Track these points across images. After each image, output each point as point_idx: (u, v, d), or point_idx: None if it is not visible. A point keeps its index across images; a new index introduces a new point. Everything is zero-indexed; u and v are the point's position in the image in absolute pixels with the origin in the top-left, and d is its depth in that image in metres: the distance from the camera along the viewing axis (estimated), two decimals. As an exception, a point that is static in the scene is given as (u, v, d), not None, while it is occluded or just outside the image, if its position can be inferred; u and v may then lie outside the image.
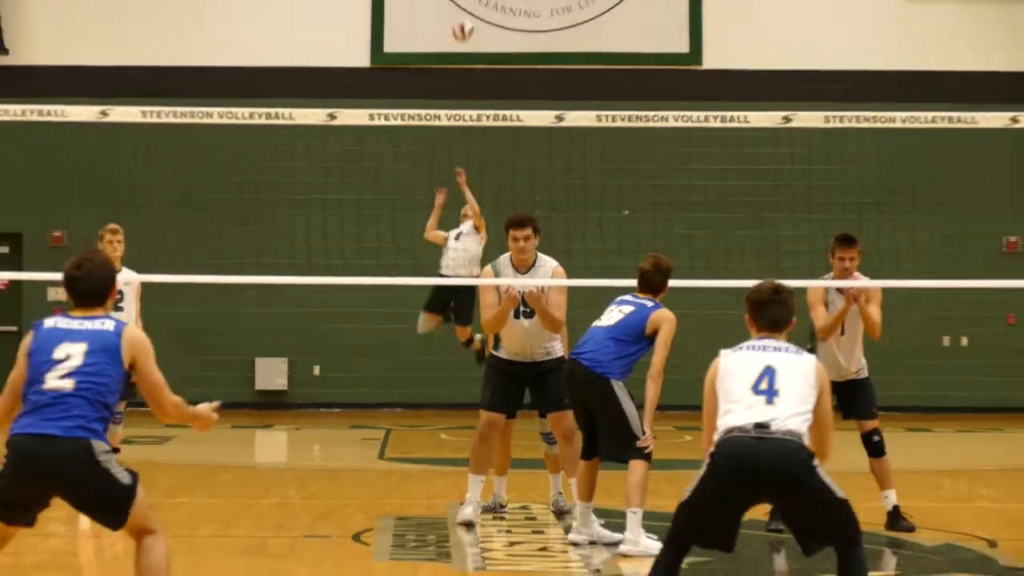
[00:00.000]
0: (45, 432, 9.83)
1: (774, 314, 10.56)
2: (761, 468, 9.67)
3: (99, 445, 9.89)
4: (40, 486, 9.99)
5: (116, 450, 12.46)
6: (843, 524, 9.91)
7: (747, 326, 10.43)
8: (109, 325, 10.13)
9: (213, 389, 29.76)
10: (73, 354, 9.95)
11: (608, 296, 15.23)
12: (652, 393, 14.67)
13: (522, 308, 15.69)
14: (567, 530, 15.29)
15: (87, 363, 9.93)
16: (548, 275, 16.05)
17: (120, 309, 19.31)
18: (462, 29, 17.52)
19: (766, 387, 9.95)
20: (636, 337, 14.77)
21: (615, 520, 14.64)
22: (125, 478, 10.03)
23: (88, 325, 10.15)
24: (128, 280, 19.28)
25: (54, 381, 9.89)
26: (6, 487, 9.96)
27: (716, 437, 9.92)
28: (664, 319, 14.84)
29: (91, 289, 10.33)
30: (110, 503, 10.04)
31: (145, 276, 20.87)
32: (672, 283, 16.13)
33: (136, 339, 10.17)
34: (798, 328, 16.02)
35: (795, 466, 9.64)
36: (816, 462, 9.69)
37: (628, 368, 14.82)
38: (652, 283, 15.21)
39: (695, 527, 9.83)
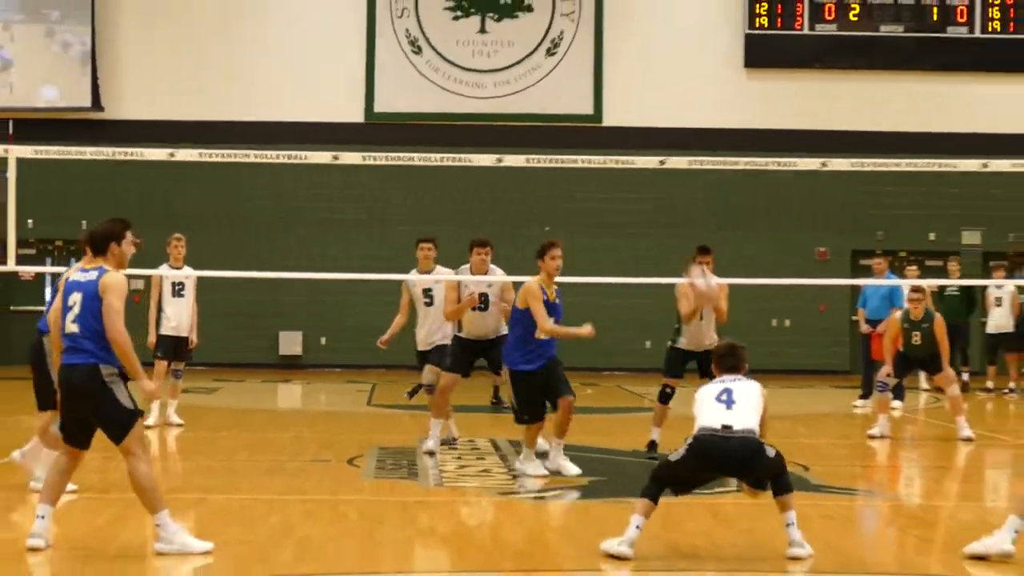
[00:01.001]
0: (70, 362, 10.14)
1: (728, 363, 10.91)
2: (728, 457, 10.14)
3: (105, 368, 10.06)
4: (75, 405, 10.19)
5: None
6: (780, 470, 10.22)
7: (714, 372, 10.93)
8: (93, 275, 10.10)
9: (248, 353, 30.44)
10: (75, 302, 10.08)
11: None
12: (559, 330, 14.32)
13: (479, 304, 15.98)
14: (503, 458, 15.44)
15: (83, 309, 10.03)
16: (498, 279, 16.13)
17: (182, 296, 19.42)
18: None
19: (725, 399, 10.32)
20: (518, 317, 14.44)
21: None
22: (127, 403, 10.13)
23: (83, 277, 10.16)
24: (188, 275, 19.38)
25: (69, 325, 10.14)
26: (61, 410, 10.38)
27: (695, 430, 10.28)
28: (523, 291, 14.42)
29: (91, 241, 10.34)
30: (113, 420, 10.12)
31: (200, 272, 20.96)
32: (585, 280, 16.39)
33: (108, 281, 10.03)
34: (671, 314, 16.39)
35: (753, 453, 10.11)
36: (764, 444, 10.18)
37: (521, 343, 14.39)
38: None
39: (670, 480, 10.21)
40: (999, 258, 30.36)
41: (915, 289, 19.27)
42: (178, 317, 19.17)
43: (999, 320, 26.55)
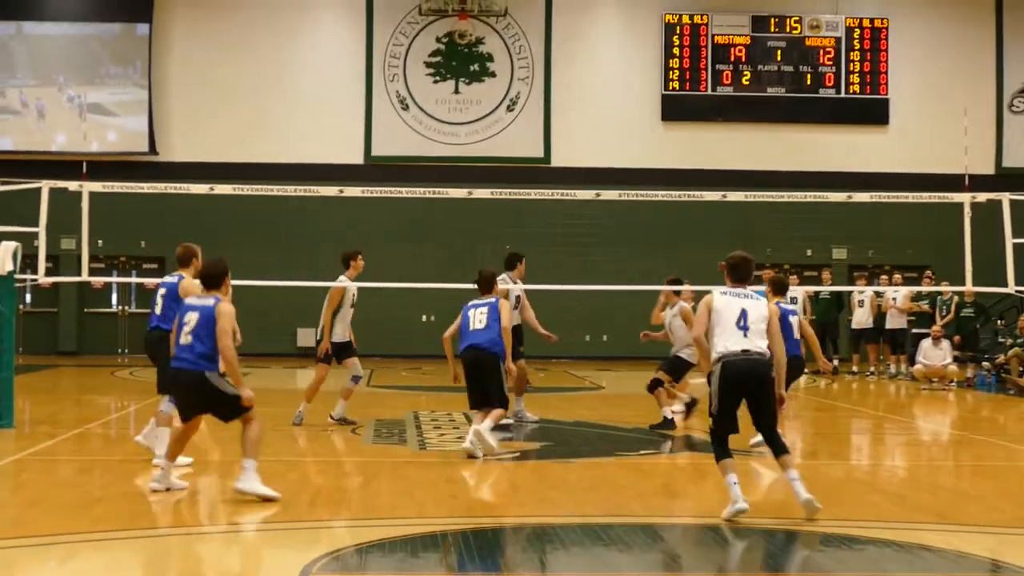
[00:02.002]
0: (179, 366, 10.22)
1: (741, 272, 10.13)
2: (752, 376, 9.75)
3: (210, 375, 10.09)
4: (185, 398, 10.37)
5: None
6: (775, 411, 10.03)
7: (724, 278, 10.29)
8: (210, 302, 10.21)
9: (272, 345, 30.36)
10: (191, 320, 10.14)
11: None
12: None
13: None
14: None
15: (197, 327, 10.11)
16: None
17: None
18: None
19: (743, 324, 9.79)
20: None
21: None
22: (230, 389, 10.09)
23: (200, 302, 10.28)
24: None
25: (184, 337, 10.17)
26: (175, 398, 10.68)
27: (715, 358, 9.77)
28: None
29: (206, 277, 10.49)
30: (224, 407, 10.22)
31: (235, 281, 20.94)
32: (539, 287, 16.43)
33: (223, 309, 10.16)
34: (605, 312, 16.32)
35: (767, 372, 9.86)
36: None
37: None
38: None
39: (728, 424, 9.92)
40: (862, 269, 30.61)
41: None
42: None
43: (861, 318, 26.67)
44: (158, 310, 12.35)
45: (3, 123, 31.41)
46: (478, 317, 13.35)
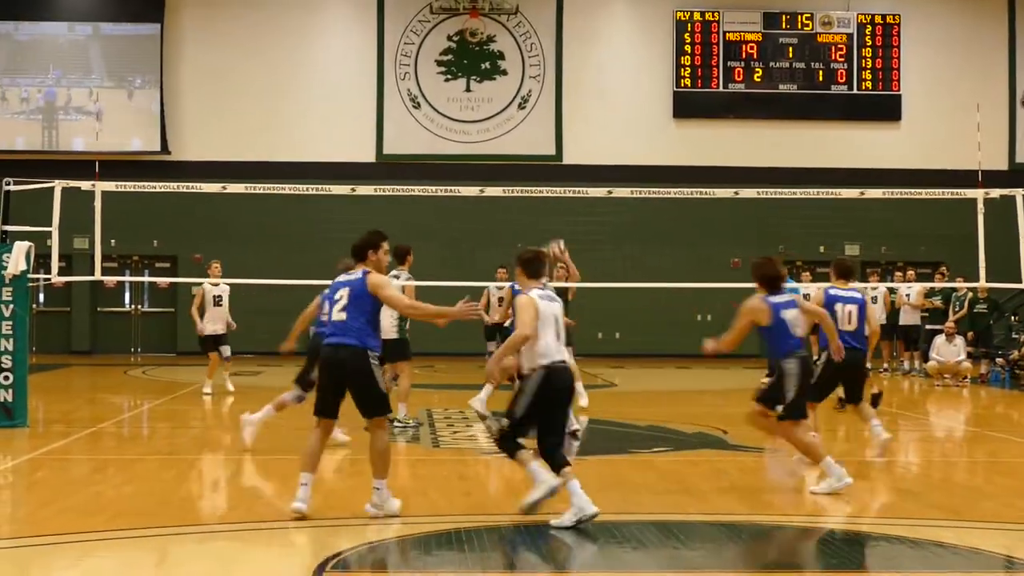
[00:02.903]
0: (338, 343, 9.44)
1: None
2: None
3: (371, 352, 9.43)
4: (338, 379, 9.57)
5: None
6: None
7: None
8: (359, 274, 9.60)
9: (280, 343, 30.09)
10: (342, 295, 9.51)
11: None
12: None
13: None
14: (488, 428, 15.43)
15: (351, 303, 9.46)
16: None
17: (220, 305, 20.01)
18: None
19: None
20: None
21: None
22: (383, 387, 9.58)
23: (348, 278, 9.66)
24: (226, 284, 20.34)
25: (336, 314, 9.50)
26: (320, 385, 9.70)
27: (539, 364, 9.39)
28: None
29: (353, 249, 9.89)
30: (372, 396, 9.54)
31: (243, 280, 21.07)
32: (552, 284, 16.33)
33: (375, 280, 9.53)
34: (617, 310, 16.28)
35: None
36: None
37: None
38: None
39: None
40: (875, 266, 30.55)
41: None
42: (214, 321, 20.10)
43: (873, 314, 26.57)
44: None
45: (16, 123, 31.45)
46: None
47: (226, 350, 20.24)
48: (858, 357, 12.61)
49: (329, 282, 14.73)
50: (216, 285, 20.14)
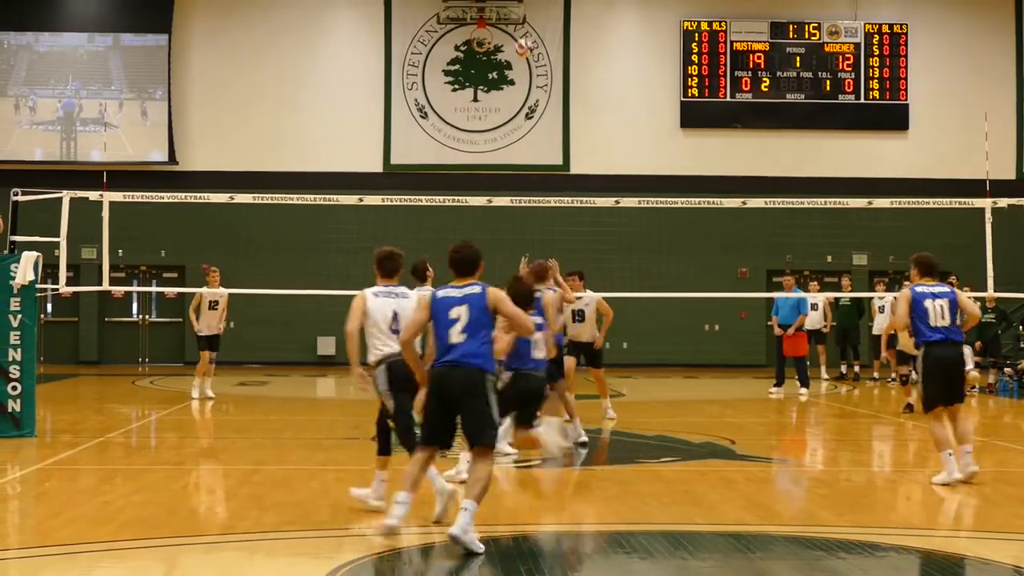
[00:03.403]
0: (455, 364, 8.83)
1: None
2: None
3: (489, 375, 8.88)
4: (453, 403, 8.91)
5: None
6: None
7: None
8: (476, 290, 8.96)
9: (292, 353, 30.40)
10: (460, 315, 8.87)
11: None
12: None
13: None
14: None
15: (471, 321, 8.84)
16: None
17: (215, 309, 20.35)
18: (522, 47, 16.64)
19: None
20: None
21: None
22: (496, 412, 8.91)
23: (461, 293, 8.99)
24: (221, 294, 20.67)
25: (456, 336, 8.85)
26: (428, 411, 9.00)
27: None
28: None
29: (462, 263, 9.20)
30: (486, 421, 8.85)
31: (250, 290, 21.07)
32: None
33: (496, 294, 8.97)
34: (627, 320, 16.22)
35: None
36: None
37: None
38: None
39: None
40: (882, 275, 30.51)
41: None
42: (209, 323, 20.70)
43: (881, 324, 26.57)
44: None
45: (24, 134, 31.51)
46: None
47: (212, 355, 20.78)
48: (958, 352, 11.99)
49: (336, 292, 14.89)
50: (214, 290, 20.80)
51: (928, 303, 11.80)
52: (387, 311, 9.82)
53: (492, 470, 8.97)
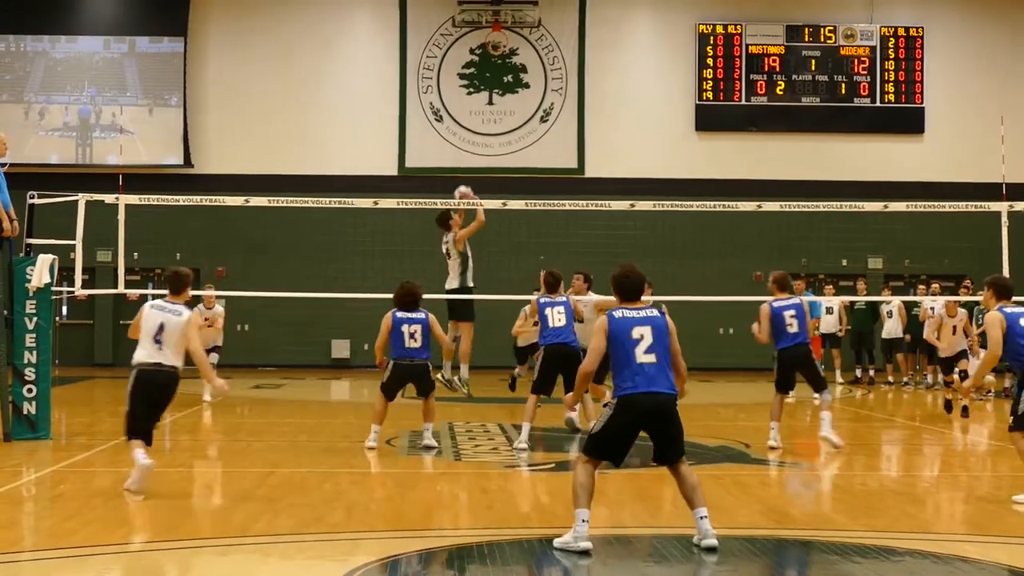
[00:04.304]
0: (659, 391, 8.79)
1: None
2: None
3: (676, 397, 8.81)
4: (653, 425, 8.89)
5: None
6: None
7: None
8: (655, 312, 8.92)
9: (306, 356, 30.49)
10: (644, 335, 8.80)
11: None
12: None
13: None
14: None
15: (656, 342, 8.81)
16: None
17: (210, 327, 20.15)
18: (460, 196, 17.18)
19: None
20: None
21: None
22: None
23: (646, 313, 8.93)
24: (219, 312, 20.86)
25: (643, 356, 8.79)
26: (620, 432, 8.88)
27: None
28: None
29: (628, 286, 9.06)
30: (681, 439, 8.91)
31: (265, 293, 21.07)
32: (577, 297, 16.43)
33: (669, 319, 8.94)
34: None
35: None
36: None
37: None
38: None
39: None
40: (898, 279, 30.51)
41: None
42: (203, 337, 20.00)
43: (891, 328, 26.58)
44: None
45: (40, 138, 31.61)
46: (556, 316, 14.85)
47: (213, 357, 20.09)
48: None
49: (351, 295, 14.92)
50: (210, 309, 20.90)
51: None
52: (154, 322, 11.09)
53: (693, 473, 8.99)
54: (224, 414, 19.22)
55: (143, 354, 11.07)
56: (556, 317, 14.80)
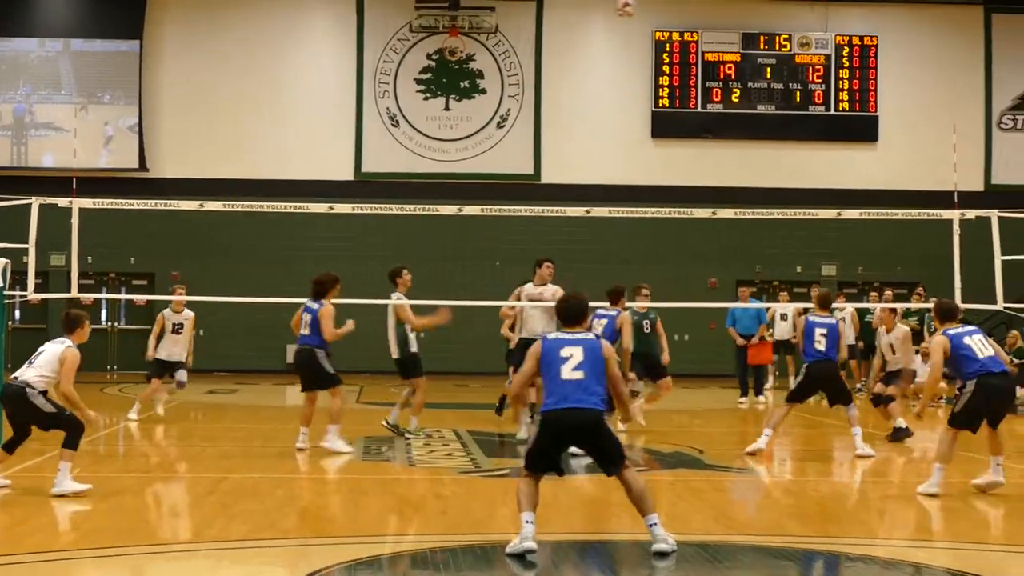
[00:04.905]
0: (572, 406, 8.82)
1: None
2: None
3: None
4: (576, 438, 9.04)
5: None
6: None
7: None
8: (591, 336, 9.07)
9: (262, 361, 30.33)
10: (575, 354, 8.89)
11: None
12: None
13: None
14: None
15: (587, 359, 8.87)
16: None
17: (179, 334, 19.19)
18: (626, 5, 16.75)
19: None
20: None
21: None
22: (620, 441, 9.11)
23: (582, 336, 9.06)
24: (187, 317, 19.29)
25: (572, 373, 8.88)
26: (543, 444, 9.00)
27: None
28: None
29: (571, 313, 9.24)
30: (615, 449, 8.94)
31: (220, 298, 20.94)
32: (528, 303, 16.43)
33: (605, 347, 9.00)
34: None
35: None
36: None
37: None
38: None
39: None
40: (851, 286, 30.71)
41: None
42: (170, 350, 18.96)
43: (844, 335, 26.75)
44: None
45: (-8, 139, 31.39)
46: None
47: (181, 374, 19.16)
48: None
49: (306, 301, 14.90)
50: (179, 313, 19.05)
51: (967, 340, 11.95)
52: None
53: (641, 479, 9.12)
54: (178, 419, 19.10)
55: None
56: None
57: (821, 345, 14.97)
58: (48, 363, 11.35)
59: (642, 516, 8.90)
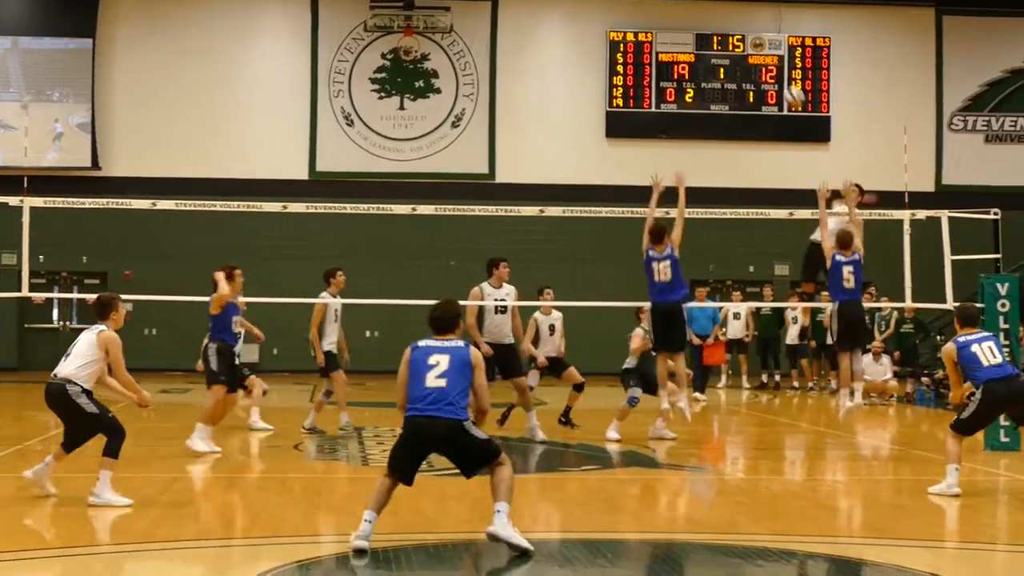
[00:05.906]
0: (431, 415, 8.84)
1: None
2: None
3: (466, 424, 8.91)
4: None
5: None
6: None
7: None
8: (460, 344, 9.04)
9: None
10: (441, 361, 8.92)
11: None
12: None
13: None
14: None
15: (452, 367, 8.90)
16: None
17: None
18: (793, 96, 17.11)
19: None
20: None
21: None
22: (483, 435, 9.01)
23: (451, 344, 9.06)
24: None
25: (433, 381, 8.89)
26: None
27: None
28: None
29: (440, 322, 9.20)
30: (483, 452, 8.94)
31: (173, 297, 20.87)
32: (485, 303, 16.41)
33: (474, 355, 8.99)
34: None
35: None
36: None
37: None
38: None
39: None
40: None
41: None
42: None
43: (794, 334, 26.96)
44: None
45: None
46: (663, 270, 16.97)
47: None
48: None
49: (258, 300, 14.87)
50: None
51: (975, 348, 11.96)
52: None
53: (511, 471, 9.02)
54: (130, 419, 18.93)
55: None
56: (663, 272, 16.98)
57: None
58: (83, 353, 10.97)
59: (493, 501, 8.86)
